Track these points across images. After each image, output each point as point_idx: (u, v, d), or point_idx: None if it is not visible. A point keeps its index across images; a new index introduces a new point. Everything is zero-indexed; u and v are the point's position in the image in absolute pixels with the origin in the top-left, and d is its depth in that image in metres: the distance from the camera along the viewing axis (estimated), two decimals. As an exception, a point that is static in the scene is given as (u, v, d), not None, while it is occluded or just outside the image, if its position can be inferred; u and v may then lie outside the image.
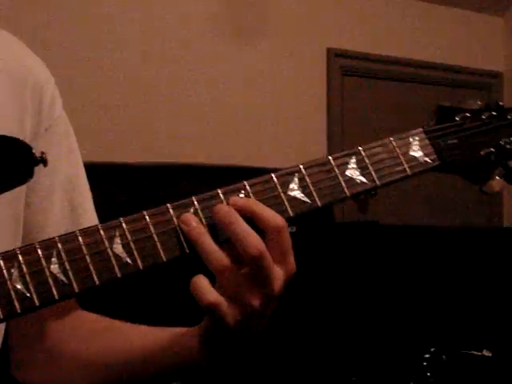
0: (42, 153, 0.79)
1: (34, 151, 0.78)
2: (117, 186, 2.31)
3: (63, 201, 0.97)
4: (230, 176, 0.85)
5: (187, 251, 0.79)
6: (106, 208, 0.86)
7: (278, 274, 0.80)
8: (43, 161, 0.78)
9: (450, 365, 2.32)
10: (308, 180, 0.84)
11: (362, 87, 3.65)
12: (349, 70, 3.58)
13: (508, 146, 0.96)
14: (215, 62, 3.13)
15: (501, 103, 0.98)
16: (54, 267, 0.74)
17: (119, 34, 2.87)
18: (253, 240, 0.77)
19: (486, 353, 2.39)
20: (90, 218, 0.99)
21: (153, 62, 2.97)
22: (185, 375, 0.93)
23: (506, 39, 4.10)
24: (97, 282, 0.75)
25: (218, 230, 0.79)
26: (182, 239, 0.79)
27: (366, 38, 3.60)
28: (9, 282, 0.72)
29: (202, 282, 0.77)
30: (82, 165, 1.01)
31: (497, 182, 0.97)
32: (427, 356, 2.31)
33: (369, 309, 2.65)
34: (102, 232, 0.76)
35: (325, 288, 2.58)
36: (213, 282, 0.79)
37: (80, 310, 1.01)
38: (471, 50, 3.95)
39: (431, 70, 3.80)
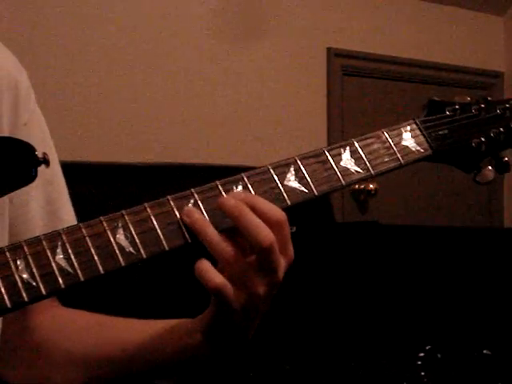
0: (44, 153, 0.79)
1: (36, 152, 0.79)
2: (116, 185, 2.31)
3: (39, 194, 0.97)
4: (229, 176, 0.86)
5: (189, 241, 0.80)
6: (106, 208, 0.86)
7: (282, 263, 0.82)
8: (46, 161, 0.79)
9: (445, 363, 2.33)
10: (304, 170, 0.86)
11: (362, 87, 3.65)
12: (349, 70, 3.57)
13: (498, 137, 0.99)
14: (215, 62, 3.13)
15: (489, 98, 1.01)
16: (59, 258, 0.75)
17: (118, 33, 2.87)
18: (264, 231, 0.79)
19: (485, 352, 2.40)
20: (68, 212, 1.01)
21: (152, 62, 2.97)
22: (184, 370, 0.92)
23: (506, 39, 4.10)
24: (101, 271, 0.76)
25: (218, 221, 0.81)
26: (184, 230, 0.80)
27: (366, 37, 3.60)
28: (15, 273, 0.73)
29: (206, 266, 0.79)
30: (57, 160, 1.01)
31: (489, 171, 0.99)
32: (422, 355, 2.32)
33: (368, 308, 2.65)
34: (104, 223, 0.78)
35: (325, 287, 2.58)
36: (214, 264, 0.81)
37: (65, 307, 1.00)
38: (472, 50, 3.95)
39: (431, 70, 3.80)
